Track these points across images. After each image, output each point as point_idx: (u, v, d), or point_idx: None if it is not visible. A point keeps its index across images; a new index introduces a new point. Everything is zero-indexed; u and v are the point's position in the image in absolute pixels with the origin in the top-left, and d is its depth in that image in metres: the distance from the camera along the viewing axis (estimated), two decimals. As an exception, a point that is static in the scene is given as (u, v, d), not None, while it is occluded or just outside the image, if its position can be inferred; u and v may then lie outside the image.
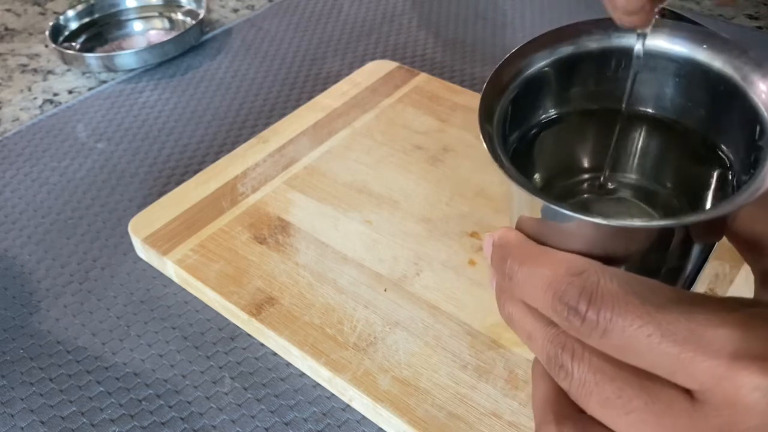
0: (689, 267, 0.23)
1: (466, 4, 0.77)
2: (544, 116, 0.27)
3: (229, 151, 0.55)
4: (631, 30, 0.24)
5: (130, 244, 0.48)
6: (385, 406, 0.36)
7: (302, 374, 0.40)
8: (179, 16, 0.76)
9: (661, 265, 0.23)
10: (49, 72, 0.69)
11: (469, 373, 0.37)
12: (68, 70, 0.69)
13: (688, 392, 0.19)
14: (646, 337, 0.19)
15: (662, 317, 0.19)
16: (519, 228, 0.24)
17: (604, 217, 0.20)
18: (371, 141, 0.53)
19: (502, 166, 0.22)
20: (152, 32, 0.75)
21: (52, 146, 0.59)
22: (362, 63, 0.65)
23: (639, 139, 0.26)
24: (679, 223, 0.20)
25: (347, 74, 0.62)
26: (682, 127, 0.25)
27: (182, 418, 0.38)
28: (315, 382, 0.39)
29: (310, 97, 0.60)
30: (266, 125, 0.57)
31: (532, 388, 0.24)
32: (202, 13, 0.72)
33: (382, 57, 0.67)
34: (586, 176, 0.28)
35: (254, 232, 0.46)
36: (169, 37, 0.68)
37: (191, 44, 0.70)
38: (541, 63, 0.25)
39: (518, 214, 0.24)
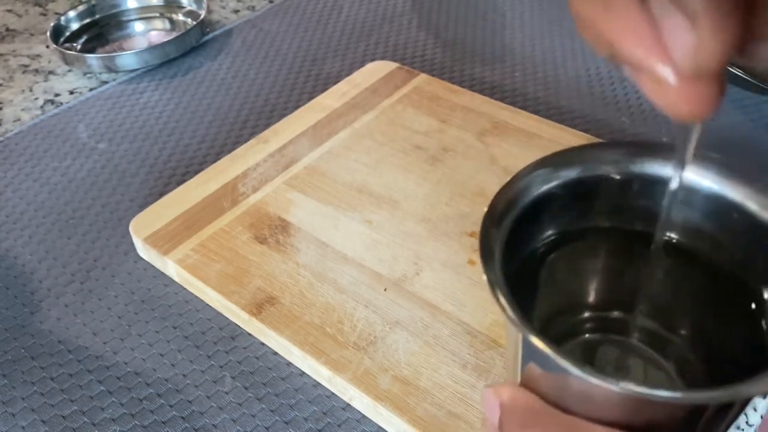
0: (724, 424, 0.21)
1: (466, 4, 0.77)
2: (550, 236, 0.25)
3: (229, 151, 0.55)
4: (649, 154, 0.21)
5: (131, 244, 0.48)
6: (385, 405, 0.36)
7: (303, 373, 0.40)
8: (180, 17, 0.76)
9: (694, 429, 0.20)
10: (51, 72, 0.69)
11: (468, 372, 0.37)
12: (69, 71, 0.69)
13: None
14: None
15: None
16: (527, 383, 0.22)
17: (627, 382, 0.18)
18: (371, 141, 0.54)
19: (515, 322, 0.20)
20: (153, 33, 0.75)
21: (54, 146, 0.59)
22: (362, 63, 0.65)
23: (655, 270, 0.24)
24: (720, 397, 0.18)
25: (347, 75, 0.62)
26: (708, 261, 0.22)
27: (183, 417, 0.38)
28: (315, 381, 0.39)
29: (310, 98, 0.60)
30: (266, 126, 0.58)
31: None
32: (202, 13, 0.72)
33: (382, 58, 0.67)
34: (588, 313, 0.26)
35: (255, 232, 0.46)
36: (170, 37, 0.69)
37: (192, 45, 0.70)
38: (545, 186, 0.24)
39: (524, 362, 0.22)
